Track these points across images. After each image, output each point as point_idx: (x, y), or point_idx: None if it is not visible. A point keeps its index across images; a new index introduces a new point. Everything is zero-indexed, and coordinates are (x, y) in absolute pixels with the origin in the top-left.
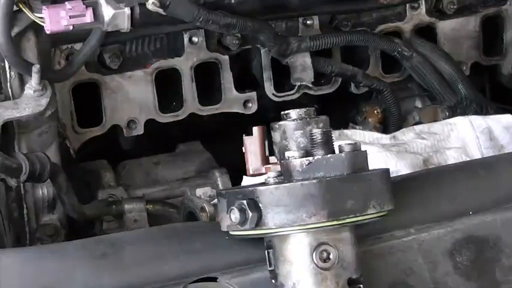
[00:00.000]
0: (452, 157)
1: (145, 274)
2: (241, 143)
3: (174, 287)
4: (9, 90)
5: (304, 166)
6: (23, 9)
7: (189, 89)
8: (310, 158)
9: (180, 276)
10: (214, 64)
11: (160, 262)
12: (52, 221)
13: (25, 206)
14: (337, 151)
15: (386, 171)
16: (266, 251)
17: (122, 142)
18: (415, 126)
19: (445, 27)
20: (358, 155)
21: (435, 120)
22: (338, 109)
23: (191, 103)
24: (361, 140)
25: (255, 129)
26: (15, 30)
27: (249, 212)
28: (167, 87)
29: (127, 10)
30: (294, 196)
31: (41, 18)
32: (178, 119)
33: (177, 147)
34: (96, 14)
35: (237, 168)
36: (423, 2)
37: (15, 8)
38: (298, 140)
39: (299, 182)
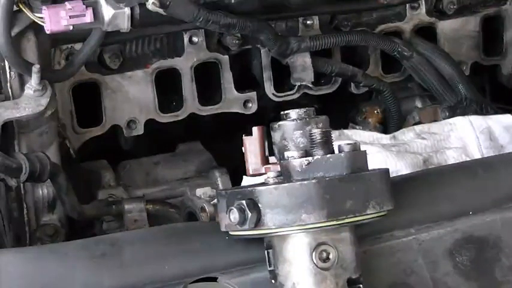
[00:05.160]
0: (452, 157)
1: (145, 274)
2: (241, 143)
3: (174, 287)
4: (9, 90)
5: (304, 166)
6: (23, 9)
7: (189, 89)
8: (310, 158)
9: (180, 276)
10: (214, 64)
11: (160, 262)
12: (52, 221)
13: (25, 206)
14: (336, 151)
15: (386, 171)
16: (266, 251)
17: (121, 142)
18: (415, 126)
19: (445, 27)
20: (357, 155)
21: (435, 120)
22: (338, 109)
23: (191, 103)
24: (361, 140)
25: (255, 129)
26: (15, 30)
27: (248, 212)
28: (167, 87)
29: (127, 10)
30: (293, 196)
31: (41, 18)
32: (178, 119)
33: (177, 147)
34: (96, 14)
35: (237, 168)
36: (423, 2)
37: (15, 8)
38: (298, 140)
39: (298, 182)
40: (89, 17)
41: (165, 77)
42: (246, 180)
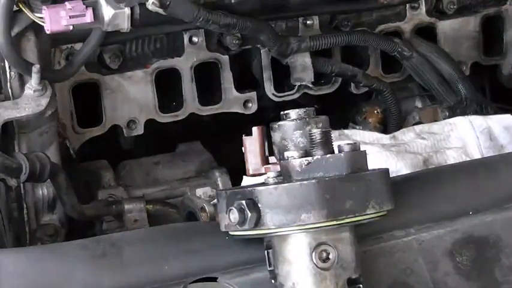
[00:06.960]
0: (452, 157)
1: (145, 274)
2: (241, 143)
3: (174, 287)
4: (9, 90)
5: (304, 166)
6: (23, 9)
7: (189, 89)
8: (310, 158)
9: (180, 276)
10: (214, 64)
11: (160, 262)
12: (52, 221)
13: (25, 206)
14: (336, 151)
15: (386, 171)
16: (266, 251)
17: (122, 142)
18: (415, 126)
19: (445, 27)
20: (357, 155)
21: (435, 120)
22: (338, 109)
23: (191, 103)
24: (361, 140)
25: (255, 129)
26: (15, 30)
27: (248, 212)
28: (167, 87)
29: (127, 10)
30: (293, 196)
31: (41, 18)
32: (178, 119)
33: (177, 147)
34: (96, 14)
35: (237, 168)
36: (423, 2)
37: (15, 8)
38: (298, 140)
39: (298, 182)
40: (89, 17)
41: (165, 77)
42: (246, 180)
